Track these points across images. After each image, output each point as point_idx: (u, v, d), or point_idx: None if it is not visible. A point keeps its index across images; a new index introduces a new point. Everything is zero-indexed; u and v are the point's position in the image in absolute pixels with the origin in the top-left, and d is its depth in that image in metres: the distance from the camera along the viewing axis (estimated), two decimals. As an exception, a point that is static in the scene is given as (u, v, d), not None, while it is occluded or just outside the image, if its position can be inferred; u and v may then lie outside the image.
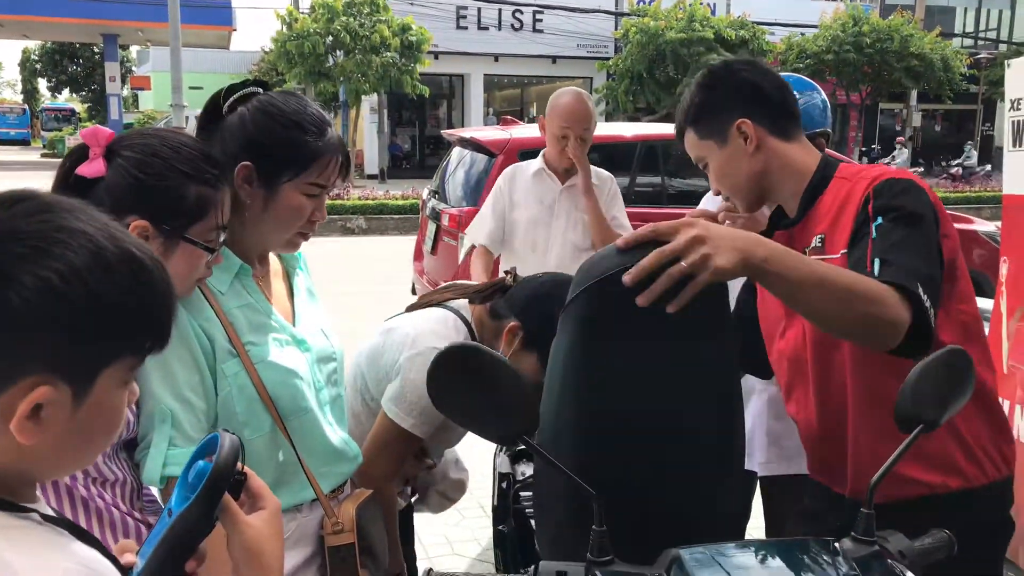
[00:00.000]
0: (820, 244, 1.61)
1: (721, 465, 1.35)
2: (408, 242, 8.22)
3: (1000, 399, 3.17)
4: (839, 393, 1.61)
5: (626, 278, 1.18)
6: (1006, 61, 3.44)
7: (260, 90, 1.52)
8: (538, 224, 3.26)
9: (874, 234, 1.46)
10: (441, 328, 1.93)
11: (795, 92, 2.37)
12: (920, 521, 1.32)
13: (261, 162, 1.46)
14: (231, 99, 1.49)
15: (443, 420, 1.91)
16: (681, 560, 1.10)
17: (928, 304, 1.35)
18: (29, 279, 0.76)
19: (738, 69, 1.73)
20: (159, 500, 1.45)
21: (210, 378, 1.42)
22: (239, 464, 0.92)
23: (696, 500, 1.32)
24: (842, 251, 1.55)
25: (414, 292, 6.59)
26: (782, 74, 2.47)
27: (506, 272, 2.06)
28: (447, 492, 2.31)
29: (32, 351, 0.78)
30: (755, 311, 1.82)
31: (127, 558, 0.93)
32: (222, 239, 1.43)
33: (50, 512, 0.86)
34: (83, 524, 1.31)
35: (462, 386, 1.15)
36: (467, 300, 2.03)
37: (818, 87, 2.48)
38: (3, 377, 0.78)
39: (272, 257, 1.64)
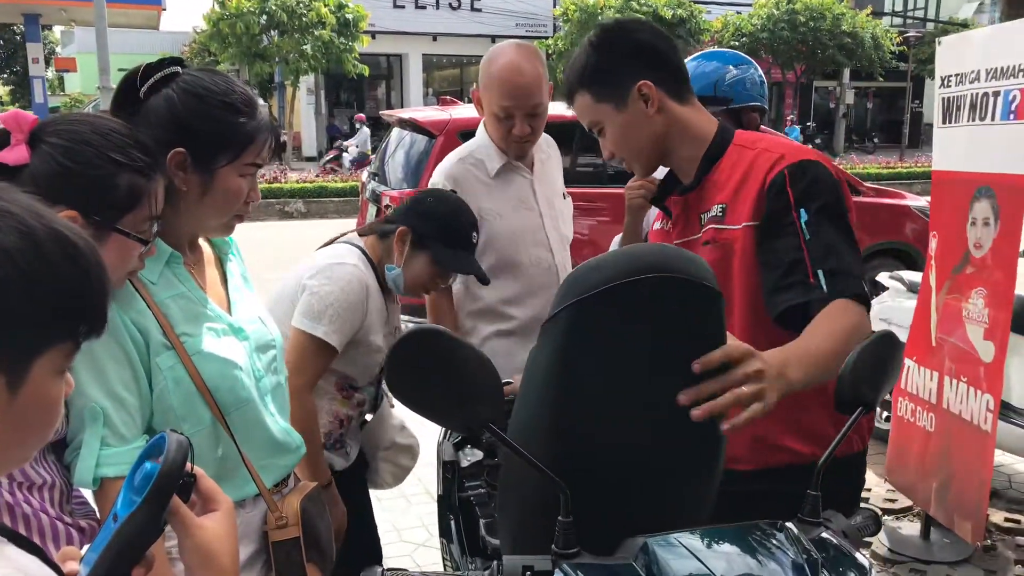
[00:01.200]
0: (720, 214, 1.62)
1: (701, 477, 1.29)
2: (349, 225, 8.11)
3: (929, 370, 3.28)
4: None
5: (683, 399, 1.14)
6: (936, 39, 3.51)
7: (179, 69, 1.45)
8: (527, 233, 2.44)
9: (806, 234, 1.51)
10: (337, 253, 2.06)
11: (731, 66, 2.39)
12: (788, 487, 1.37)
13: (195, 147, 1.39)
14: (149, 80, 1.42)
15: (358, 334, 2.02)
16: (648, 547, 1.09)
17: (866, 292, 1.49)
18: None
19: (633, 29, 1.71)
20: (91, 503, 1.39)
21: (143, 373, 1.36)
22: (188, 465, 0.87)
23: (672, 502, 1.29)
24: (744, 223, 1.58)
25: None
26: (717, 49, 2.48)
27: (386, 206, 2.18)
28: (397, 459, 2.30)
29: None
30: None
31: (70, 566, 0.89)
32: (155, 230, 1.37)
33: None
34: (9, 531, 1.26)
35: (426, 371, 1.08)
36: (357, 234, 2.17)
37: (754, 63, 2.49)
38: None
39: (203, 244, 1.58)
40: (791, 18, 22.39)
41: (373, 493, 4.03)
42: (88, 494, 1.39)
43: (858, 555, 1.12)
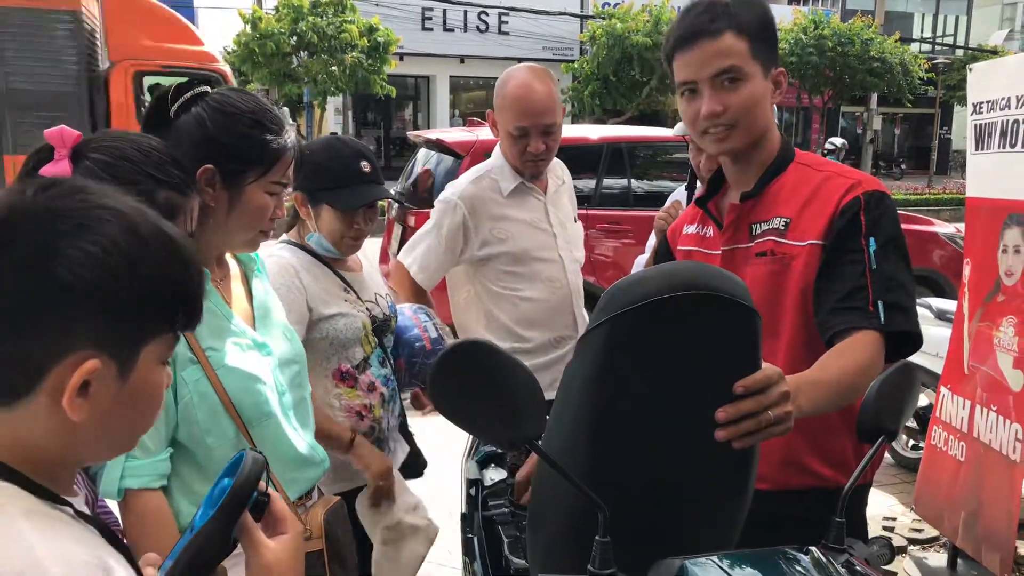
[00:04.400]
0: (783, 227, 1.60)
1: (735, 490, 1.28)
2: (375, 244, 8.16)
3: (962, 398, 3.23)
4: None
5: (722, 415, 1.14)
6: (968, 66, 3.49)
7: (208, 89, 1.47)
8: (540, 252, 2.45)
9: (872, 263, 1.51)
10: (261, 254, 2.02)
11: None
12: (805, 510, 1.41)
13: (224, 164, 1.42)
14: (180, 99, 1.44)
15: (312, 314, 2.01)
16: (686, 570, 1.08)
17: (919, 330, 1.54)
18: (76, 253, 0.79)
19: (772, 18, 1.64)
20: (115, 514, 1.41)
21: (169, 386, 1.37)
22: (262, 484, 0.92)
23: (704, 523, 1.28)
24: (811, 240, 1.57)
25: (380, 295, 6.52)
26: None
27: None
28: (401, 542, 2.11)
29: (80, 325, 0.80)
30: None
31: (148, 572, 0.94)
32: None
33: (85, 511, 0.87)
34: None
35: (470, 385, 1.06)
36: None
37: None
38: (53, 353, 0.79)
39: (229, 260, 1.60)
40: (819, 43, 22.37)
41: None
42: (113, 505, 1.40)
43: (885, 583, 1.10)
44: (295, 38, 18.63)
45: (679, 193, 3.18)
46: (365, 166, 2.08)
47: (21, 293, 0.78)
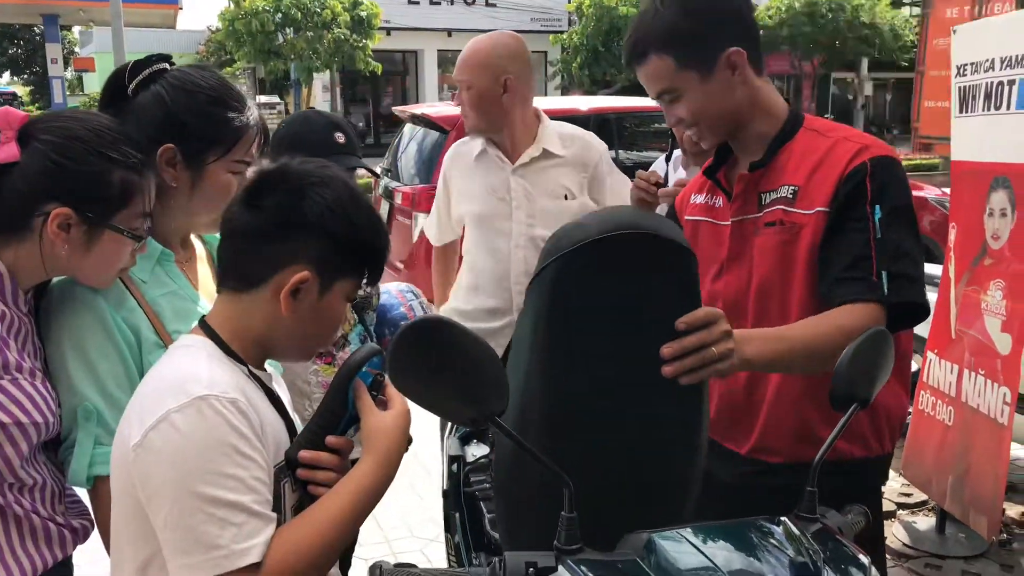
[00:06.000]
0: (791, 196, 1.57)
1: (688, 446, 1.31)
2: (363, 222, 8.11)
3: (949, 363, 3.23)
4: None
5: (667, 351, 1.20)
6: (952, 28, 3.45)
7: (168, 66, 1.44)
8: (493, 221, 2.51)
9: (877, 231, 1.48)
10: None
11: None
12: (819, 484, 1.41)
13: (185, 142, 1.39)
14: (138, 77, 1.40)
15: None
16: (653, 543, 1.07)
17: (926, 300, 1.52)
18: (317, 198, 1.16)
19: None
20: (85, 502, 1.39)
21: (136, 371, 1.35)
22: (378, 368, 1.22)
23: (663, 484, 1.30)
24: (818, 208, 1.53)
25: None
26: None
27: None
28: None
29: (308, 247, 1.16)
30: None
31: (294, 415, 1.31)
32: (148, 226, 1.36)
33: (269, 386, 1.24)
34: (1, 532, 1.25)
35: (430, 364, 1.04)
36: None
37: None
38: (285, 260, 1.16)
39: (195, 241, 1.57)
40: (812, 11, 22.17)
41: (384, 489, 4.03)
42: (83, 493, 1.38)
43: (855, 551, 1.09)
44: (279, 15, 18.45)
45: (659, 164, 3.16)
46: (340, 137, 2.08)
47: (279, 215, 1.16)
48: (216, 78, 1.44)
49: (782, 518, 1.13)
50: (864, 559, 1.09)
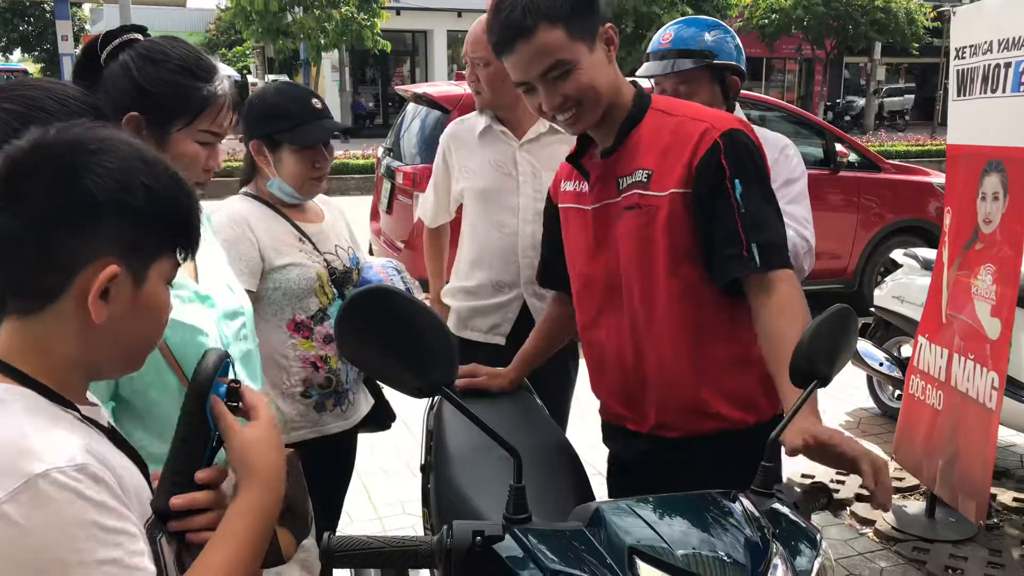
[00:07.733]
0: (646, 180, 1.59)
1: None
2: (364, 202, 8.11)
3: (939, 347, 3.23)
4: (658, 322, 1.62)
5: None
6: (951, 9, 3.42)
7: (140, 36, 1.44)
8: (499, 195, 2.50)
9: (740, 206, 1.52)
10: (216, 206, 2.01)
11: (707, 32, 2.32)
12: (717, 453, 1.51)
13: (150, 111, 1.39)
14: (108, 47, 1.41)
15: (264, 264, 2.02)
16: (600, 513, 1.08)
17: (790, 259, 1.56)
18: (99, 168, 0.91)
19: None
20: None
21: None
22: (228, 377, 1.04)
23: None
24: (671, 190, 1.56)
25: (371, 253, 6.50)
26: (681, 20, 2.42)
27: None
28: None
29: (102, 232, 0.91)
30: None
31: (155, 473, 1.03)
32: None
33: (100, 420, 0.99)
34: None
35: (375, 332, 1.05)
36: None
37: (731, 31, 2.41)
38: (81, 258, 0.91)
39: None
40: (826, -6, 21.97)
41: (380, 465, 4.05)
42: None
43: (808, 526, 1.10)
44: (288, -7, 18.41)
45: None
46: (317, 103, 2.09)
47: (53, 205, 0.89)
48: (185, 48, 1.44)
49: (735, 492, 1.14)
50: (816, 534, 1.10)
